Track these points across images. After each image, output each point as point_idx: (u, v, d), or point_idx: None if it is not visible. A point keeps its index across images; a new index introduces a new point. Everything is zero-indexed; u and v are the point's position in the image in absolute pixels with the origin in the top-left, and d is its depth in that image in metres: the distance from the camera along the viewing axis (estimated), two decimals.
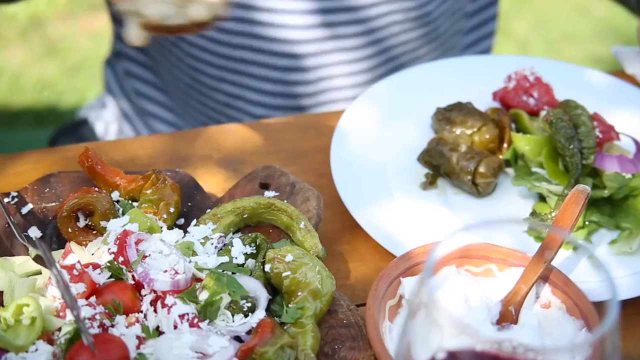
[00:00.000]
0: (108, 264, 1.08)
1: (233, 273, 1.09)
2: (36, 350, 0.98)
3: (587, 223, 1.27)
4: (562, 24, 4.22)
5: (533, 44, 4.06)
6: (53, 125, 3.21)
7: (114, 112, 2.00)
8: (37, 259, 1.10)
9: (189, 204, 1.22)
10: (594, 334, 0.72)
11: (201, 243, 1.13)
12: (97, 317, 1.01)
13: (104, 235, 1.12)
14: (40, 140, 2.22)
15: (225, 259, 1.11)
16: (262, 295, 1.08)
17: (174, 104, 1.88)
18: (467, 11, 1.89)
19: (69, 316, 1.02)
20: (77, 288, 1.03)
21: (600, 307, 0.91)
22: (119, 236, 1.10)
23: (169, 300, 1.04)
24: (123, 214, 1.16)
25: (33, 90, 3.66)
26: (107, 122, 2.01)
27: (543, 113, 1.38)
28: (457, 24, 1.86)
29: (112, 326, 1.02)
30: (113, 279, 1.08)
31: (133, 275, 1.07)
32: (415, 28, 1.75)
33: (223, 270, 1.09)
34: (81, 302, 1.02)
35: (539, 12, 4.29)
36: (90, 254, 1.12)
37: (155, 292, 1.05)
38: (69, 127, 2.04)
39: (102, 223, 1.14)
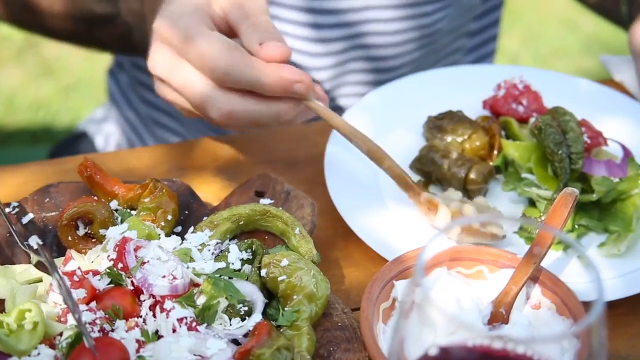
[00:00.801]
0: (108, 270, 1.10)
1: (230, 278, 1.11)
2: (38, 354, 0.99)
3: (576, 227, 1.30)
4: (551, 39, 4.26)
5: (523, 59, 4.10)
6: (48, 144, 3.23)
7: (117, 122, 2.01)
8: (39, 266, 1.12)
9: (186, 212, 1.24)
10: (580, 325, 0.74)
11: (198, 249, 1.15)
12: (98, 321, 1.03)
13: (103, 242, 1.14)
14: (35, 159, 2.22)
15: (222, 264, 1.12)
16: (259, 299, 1.09)
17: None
18: (469, 30, 1.91)
19: (70, 321, 1.03)
20: (78, 294, 1.05)
21: (589, 306, 0.93)
22: (118, 243, 1.12)
23: (168, 304, 1.06)
24: (122, 222, 1.18)
25: (28, 110, 3.68)
26: (108, 134, 2.02)
27: (532, 120, 1.41)
28: (458, 41, 1.88)
29: (112, 330, 1.04)
30: (113, 285, 1.09)
31: (132, 281, 1.09)
32: (424, 46, 1.78)
33: (220, 275, 1.10)
34: (82, 307, 1.04)
35: (529, 27, 4.33)
36: (90, 262, 1.14)
37: (154, 297, 1.07)
38: (68, 141, 2.04)
39: (101, 231, 1.16)
